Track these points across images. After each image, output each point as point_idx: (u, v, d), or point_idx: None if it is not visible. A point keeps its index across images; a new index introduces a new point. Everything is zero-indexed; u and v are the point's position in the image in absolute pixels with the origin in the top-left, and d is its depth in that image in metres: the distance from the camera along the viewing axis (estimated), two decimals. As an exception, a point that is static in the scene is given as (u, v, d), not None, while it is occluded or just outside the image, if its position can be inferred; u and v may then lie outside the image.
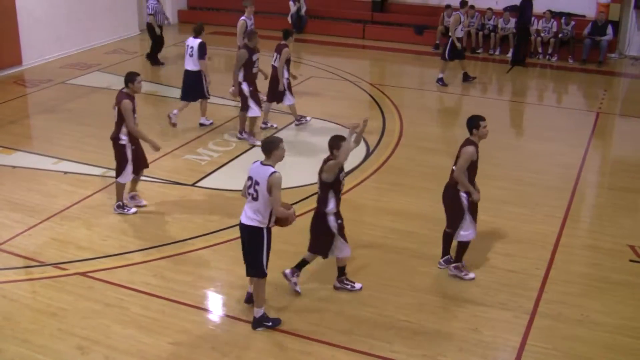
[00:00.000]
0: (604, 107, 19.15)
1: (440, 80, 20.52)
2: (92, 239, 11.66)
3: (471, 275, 10.71)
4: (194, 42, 16.48)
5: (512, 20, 23.87)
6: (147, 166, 12.78)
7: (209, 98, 16.92)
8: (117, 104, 12.12)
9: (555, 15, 23.33)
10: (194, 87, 16.64)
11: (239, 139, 15.98)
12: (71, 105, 18.39)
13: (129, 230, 11.96)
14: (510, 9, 24.30)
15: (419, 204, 13.05)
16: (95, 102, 18.69)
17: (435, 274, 10.77)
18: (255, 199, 9.05)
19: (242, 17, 18.60)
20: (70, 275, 10.61)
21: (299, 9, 26.34)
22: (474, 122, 10.29)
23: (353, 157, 14.72)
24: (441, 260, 10.96)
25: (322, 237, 10.03)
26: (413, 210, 12.82)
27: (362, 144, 15.61)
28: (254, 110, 15.63)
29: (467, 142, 10.28)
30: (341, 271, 10.38)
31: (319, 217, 10.00)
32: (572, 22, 23.34)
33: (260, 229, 9.12)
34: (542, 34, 23.42)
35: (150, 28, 22.14)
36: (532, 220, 12.52)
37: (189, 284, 10.46)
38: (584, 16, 23.47)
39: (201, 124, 16.98)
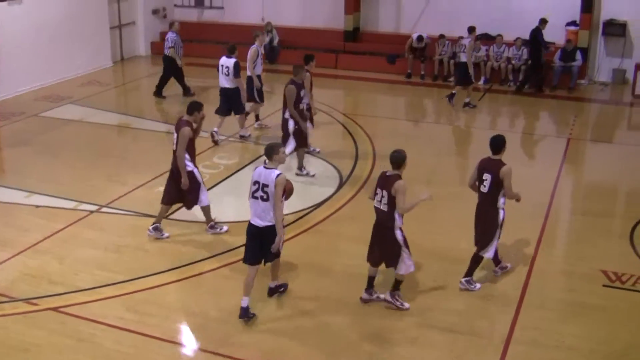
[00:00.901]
0: (575, 133, 19.26)
1: (468, 104, 21.19)
2: (64, 273, 11.54)
3: (478, 286, 11.13)
4: (228, 62, 17.43)
5: (483, 49, 24.05)
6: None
7: (244, 112, 17.99)
8: (177, 130, 12.31)
9: (526, 42, 23.52)
10: (232, 103, 17.57)
11: (298, 174, 15.64)
12: (44, 137, 18.28)
13: (102, 264, 11.85)
14: (481, 37, 24.54)
15: None
16: (69, 134, 18.61)
17: (412, 301, 10.72)
18: (265, 200, 9.91)
19: (254, 46, 18.55)
20: (42, 311, 10.49)
21: (271, 40, 26.37)
22: (504, 142, 10.87)
23: (327, 187, 14.86)
24: (462, 280, 11.20)
25: (390, 250, 10.29)
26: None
27: (335, 174, 15.76)
28: (290, 147, 15.24)
29: (500, 162, 10.78)
30: (397, 285, 10.56)
31: (386, 231, 10.26)
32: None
33: (273, 226, 9.98)
34: (513, 62, 23.57)
35: (168, 60, 21.80)
36: (506, 245, 12.44)
37: (163, 317, 10.37)
38: (553, 43, 23.65)
39: (241, 136, 18.08)
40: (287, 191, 10.15)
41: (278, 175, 9.83)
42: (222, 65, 17.52)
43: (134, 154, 17.10)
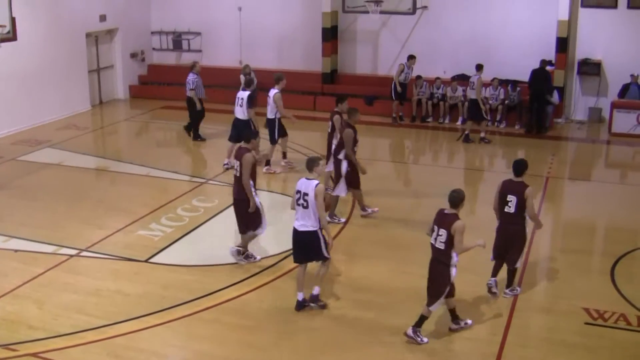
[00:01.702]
0: (553, 172, 19.41)
1: (484, 139, 22.00)
2: (44, 318, 11.42)
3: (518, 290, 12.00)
4: (243, 94, 18.65)
5: (460, 89, 24.26)
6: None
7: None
8: (238, 158, 12.73)
9: (502, 82, 23.74)
10: (242, 132, 17.33)
11: (363, 216, 15.75)
12: (22, 181, 18.19)
13: (82, 308, 11.73)
14: (458, 77, 24.78)
15: (374, 273, 13.04)
16: (47, 178, 18.52)
17: (393, 344, 10.68)
18: (305, 207, 11.18)
19: (276, 90, 18.83)
20: (22, 356, 10.35)
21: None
22: (526, 165, 11.81)
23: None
24: (507, 290, 12.05)
25: (439, 285, 10.58)
26: (368, 281, 12.77)
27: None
28: (341, 189, 15.34)
29: (523, 184, 11.66)
30: (421, 322, 10.76)
31: (442, 268, 10.52)
32: (519, 89, 23.77)
33: (315, 231, 11.25)
34: (490, 102, 23.74)
35: (190, 102, 21.78)
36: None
37: (143, 361, 10.29)
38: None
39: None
40: (325, 205, 11.49)
41: (317, 185, 11.13)
42: (238, 97, 18.68)
43: (113, 198, 17.03)
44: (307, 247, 11.40)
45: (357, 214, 15.86)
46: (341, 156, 15.17)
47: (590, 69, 24.10)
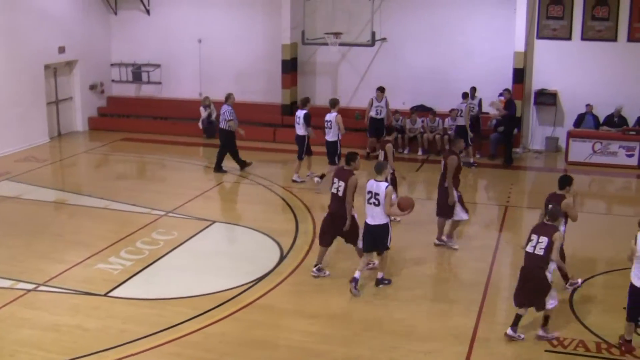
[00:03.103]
0: (512, 201, 19.56)
1: (473, 164, 22.86)
2: (0, 354, 11.24)
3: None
4: (300, 113, 20.51)
5: (419, 120, 24.45)
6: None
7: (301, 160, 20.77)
8: (344, 180, 13.60)
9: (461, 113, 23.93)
10: (299, 148, 20.51)
11: (437, 245, 15.86)
12: (-22, 215, 18.02)
13: (40, 344, 11.56)
14: (417, 109, 24.97)
15: (336, 304, 13.03)
16: (4, 211, 18.29)
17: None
18: (377, 205, 13.07)
19: (335, 113, 20.10)
20: (-22, 394, 10.23)
21: (209, 115, 26.42)
22: (569, 180, 13.22)
23: (268, 260, 14.79)
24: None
25: (540, 292, 11.47)
26: (331, 312, 12.74)
27: (276, 247, 15.68)
28: (461, 214, 15.62)
29: (563, 196, 12.95)
30: (547, 321, 11.69)
31: (539, 272, 11.43)
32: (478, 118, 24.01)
33: (386, 223, 13.22)
34: (449, 132, 23.90)
35: (224, 133, 21.70)
36: (448, 315, 12.61)
37: (103, 397, 10.18)
38: (487, 113, 24.15)
39: (294, 181, 20.65)
40: (410, 206, 13.43)
41: (387, 187, 13.03)
42: (297, 116, 20.53)
43: (72, 231, 16.84)
44: (377, 238, 13.29)
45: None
46: (446, 184, 15.51)
47: (547, 99, 24.50)
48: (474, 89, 23.53)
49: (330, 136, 20.03)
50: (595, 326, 12.19)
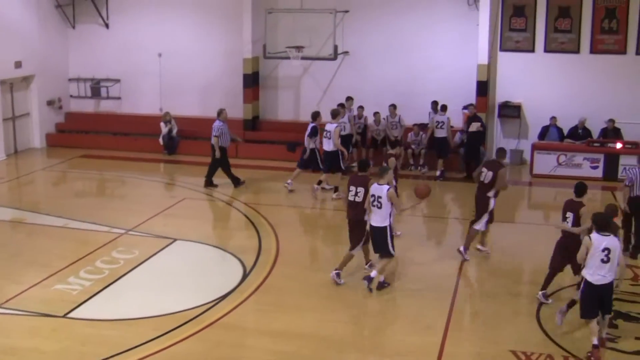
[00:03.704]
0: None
1: (439, 177, 23.32)
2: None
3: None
4: (330, 127, 20.25)
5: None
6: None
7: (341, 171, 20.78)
8: (363, 186, 14.16)
9: (423, 128, 23.85)
10: (332, 163, 20.54)
11: (480, 250, 16.37)
12: None
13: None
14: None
15: (300, 322, 12.87)
16: (-41, 232, 17.95)
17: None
18: (379, 208, 13.67)
19: (336, 124, 20.53)
20: None
21: (170, 130, 26.17)
22: (586, 188, 13.66)
23: (230, 280, 14.60)
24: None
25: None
26: (294, 330, 12.59)
27: (239, 265, 15.48)
28: (483, 224, 15.92)
29: (581, 204, 13.30)
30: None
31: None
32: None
33: (385, 227, 13.78)
34: (413, 147, 23.80)
35: (214, 149, 21.39)
36: (414, 332, 12.52)
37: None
38: (451, 127, 24.09)
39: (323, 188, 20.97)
40: (426, 193, 15.84)
41: (388, 190, 13.65)
42: (326, 130, 20.28)
43: (29, 251, 16.47)
44: (378, 240, 13.94)
45: (282, 261, 15.62)
46: (490, 194, 15.71)
47: (511, 111, 24.57)
48: (436, 103, 23.59)
49: (329, 146, 20.37)
50: (563, 340, 12.18)
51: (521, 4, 24.30)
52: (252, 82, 26.64)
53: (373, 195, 13.70)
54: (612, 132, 23.25)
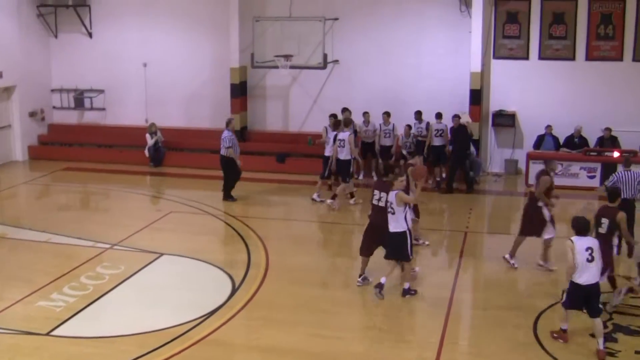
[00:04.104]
0: (472, 226, 19.25)
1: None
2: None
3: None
4: (344, 135, 20.15)
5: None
6: None
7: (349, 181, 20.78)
8: (387, 191, 14.18)
9: (416, 135, 23.56)
10: (343, 171, 20.48)
11: (511, 263, 16.13)
12: None
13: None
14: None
15: (291, 338, 12.63)
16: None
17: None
18: (393, 213, 13.80)
19: (349, 132, 20.40)
20: None
21: (156, 142, 25.85)
22: (620, 192, 14.06)
23: (219, 294, 14.34)
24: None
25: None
26: (285, 346, 12.35)
27: (228, 280, 15.20)
28: (551, 232, 15.83)
29: (616, 209, 13.41)
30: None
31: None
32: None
33: (404, 231, 13.90)
34: (404, 151, 23.41)
35: (225, 160, 20.96)
36: (408, 346, 12.38)
37: None
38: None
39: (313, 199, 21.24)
40: (423, 174, 15.20)
41: (397, 193, 13.76)
42: (339, 139, 20.15)
43: (11, 267, 16.15)
44: (397, 246, 13.95)
45: (272, 275, 15.25)
46: (541, 203, 15.72)
47: (505, 120, 24.35)
48: (419, 113, 23.43)
49: (344, 155, 20.30)
50: (559, 353, 12.02)
51: (515, 11, 24.13)
52: (239, 92, 26.37)
53: (387, 202, 13.98)
54: (608, 140, 23.00)
